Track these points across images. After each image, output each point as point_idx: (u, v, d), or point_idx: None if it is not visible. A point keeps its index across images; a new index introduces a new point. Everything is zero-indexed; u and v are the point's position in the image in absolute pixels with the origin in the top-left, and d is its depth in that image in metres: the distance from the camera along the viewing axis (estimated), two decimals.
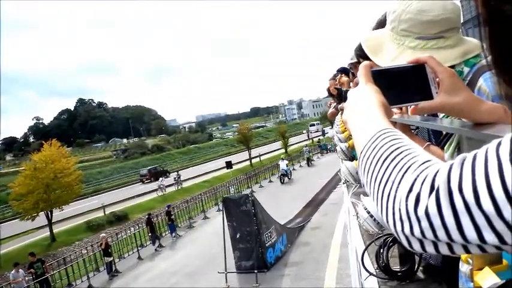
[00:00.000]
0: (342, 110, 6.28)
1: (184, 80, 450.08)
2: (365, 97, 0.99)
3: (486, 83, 1.45)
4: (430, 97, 1.12)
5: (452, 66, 1.56)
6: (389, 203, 0.72)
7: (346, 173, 4.69)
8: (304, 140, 76.51)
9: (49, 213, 32.45)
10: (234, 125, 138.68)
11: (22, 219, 32.33)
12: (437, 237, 0.66)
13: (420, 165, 0.72)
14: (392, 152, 0.78)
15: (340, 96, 5.60)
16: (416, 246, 0.71)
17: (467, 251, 0.66)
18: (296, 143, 72.22)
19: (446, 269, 2.26)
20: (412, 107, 1.14)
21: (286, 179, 40.05)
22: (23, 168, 34.77)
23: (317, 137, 75.48)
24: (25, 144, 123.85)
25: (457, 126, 1.13)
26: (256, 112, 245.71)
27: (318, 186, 33.29)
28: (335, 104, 6.90)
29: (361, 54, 2.42)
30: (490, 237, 0.61)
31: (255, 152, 62.10)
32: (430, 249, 0.70)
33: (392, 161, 0.76)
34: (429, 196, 0.66)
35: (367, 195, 3.03)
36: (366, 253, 2.86)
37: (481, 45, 0.66)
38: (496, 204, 0.59)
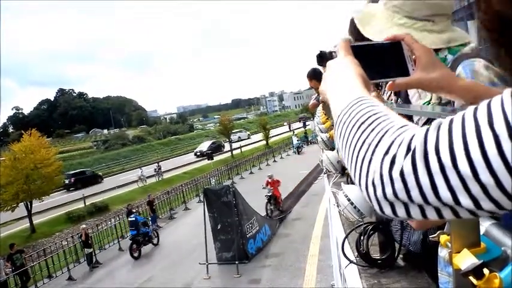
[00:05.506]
0: (323, 102, 6.32)
1: (165, 71, 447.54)
2: (344, 68, 1.00)
3: (464, 70, 1.47)
4: (407, 74, 1.13)
5: (437, 53, 1.58)
6: (364, 165, 0.73)
7: (327, 162, 4.73)
8: (286, 132, 76.60)
9: (29, 204, 32.17)
10: (216, 117, 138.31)
11: (1, 210, 31.88)
12: (411, 198, 0.67)
13: (398, 129, 0.72)
14: (369, 117, 0.78)
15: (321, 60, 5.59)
16: (388, 211, 0.71)
17: (439, 215, 0.66)
18: (277, 135, 72.32)
19: (425, 256, 2.29)
20: (389, 82, 1.15)
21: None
22: (2, 158, 34.35)
23: (298, 128, 75.78)
24: (4, 135, 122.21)
25: (438, 111, 1.14)
26: (237, 104, 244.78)
27: (299, 177, 33.38)
28: (316, 95, 6.92)
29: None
30: (464, 200, 0.62)
31: (235, 143, 62.13)
32: (401, 212, 0.70)
33: (369, 125, 0.76)
34: (405, 158, 0.67)
35: (348, 184, 3.05)
36: (346, 241, 2.89)
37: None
38: (473, 166, 0.59)
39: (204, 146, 67.66)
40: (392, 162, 0.68)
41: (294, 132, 66.75)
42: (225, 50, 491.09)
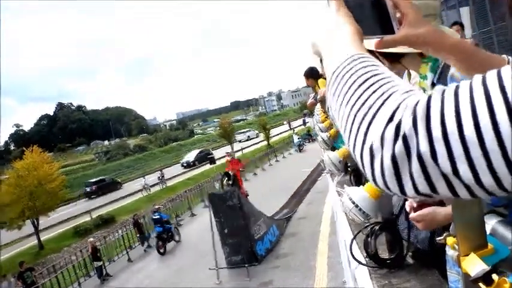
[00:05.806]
0: (321, 101, 6.31)
1: (165, 72, 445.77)
2: (341, 22, 0.95)
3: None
4: (392, 32, 1.11)
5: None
6: (361, 129, 0.69)
7: (328, 163, 4.71)
8: (286, 131, 76.54)
9: (35, 220, 32.19)
10: (215, 120, 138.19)
11: (8, 228, 31.94)
12: (410, 168, 0.63)
13: (403, 94, 0.68)
14: (372, 76, 0.73)
15: None
16: (380, 182, 0.67)
17: (433, 190, 0.63)
18: (277, 134, 72.23)
19: (433, 254, 2.28)
20: (377, 40, 1.13)
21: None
22: (6, 176, 34.44)
23: (298, 126, 75.89)
24: (6, 153, 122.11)
25: None
26: (236, 106, 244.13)
27: (302, 176, 33.31)
28: (314, 94, 6.92)
29: None
30: (463, 167, 0.59)
31: (237, 145, 62.11)
32: (393, 186, 0.66)
33: (371, 85, 0.72)
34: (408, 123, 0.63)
35: (351, 185, 3.04)
36: (354, 242, 2.88)
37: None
38: (479, 131, 0.57)
39: (191, 156, 66.42)
40: (397, 129, 0.64)
41: (294, 130, 66.71)
42: (225, 50, 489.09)
